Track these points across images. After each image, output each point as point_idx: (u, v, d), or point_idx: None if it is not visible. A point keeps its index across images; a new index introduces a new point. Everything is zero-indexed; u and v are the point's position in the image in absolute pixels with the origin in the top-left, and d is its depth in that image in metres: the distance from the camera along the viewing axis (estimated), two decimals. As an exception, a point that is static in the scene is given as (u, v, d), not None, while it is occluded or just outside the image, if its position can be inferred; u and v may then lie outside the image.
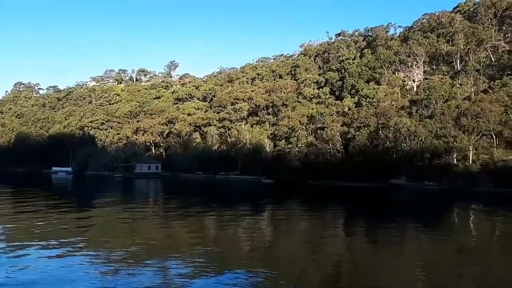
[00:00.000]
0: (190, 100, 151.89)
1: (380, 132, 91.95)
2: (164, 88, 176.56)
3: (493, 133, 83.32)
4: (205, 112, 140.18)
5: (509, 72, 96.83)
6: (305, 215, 42.15)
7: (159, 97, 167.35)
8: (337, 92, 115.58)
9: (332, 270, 20.57)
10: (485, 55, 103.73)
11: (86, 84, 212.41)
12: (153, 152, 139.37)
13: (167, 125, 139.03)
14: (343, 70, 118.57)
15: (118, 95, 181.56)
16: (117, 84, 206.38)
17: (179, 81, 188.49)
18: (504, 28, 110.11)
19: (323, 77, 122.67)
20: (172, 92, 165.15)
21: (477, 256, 24.30)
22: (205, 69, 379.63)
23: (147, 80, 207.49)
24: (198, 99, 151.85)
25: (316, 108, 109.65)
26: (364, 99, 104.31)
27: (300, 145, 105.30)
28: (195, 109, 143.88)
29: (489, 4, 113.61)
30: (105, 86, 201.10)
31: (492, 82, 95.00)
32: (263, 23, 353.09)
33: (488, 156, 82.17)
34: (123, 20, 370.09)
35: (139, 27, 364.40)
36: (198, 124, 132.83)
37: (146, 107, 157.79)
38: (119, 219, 37.03)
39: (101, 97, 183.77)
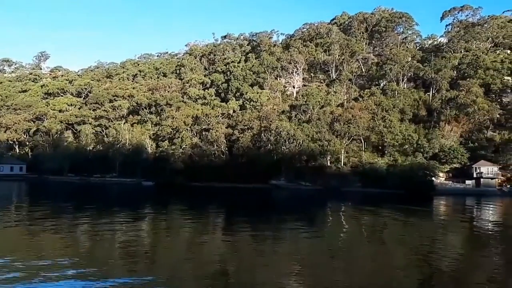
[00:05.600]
0: (62, 95, 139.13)
1: (262, 134, 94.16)
2: (32, 81, 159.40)
3: (362, 138, 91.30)
4: (79, 108, 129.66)
5: (377, 83, 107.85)
6: (187, 219, 40.11)
7: (25, 91, 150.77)
8: (223, 94, 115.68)
9: (213, 272, 20.27)
10: (357, 66, 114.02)
11: None
12: (17, 151, 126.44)
13: (34, 122, 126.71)
14: (228, 73, 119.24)
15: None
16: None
17: (50, 74, 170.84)
18: (373, 42, 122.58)
19: (209, 78, 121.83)
20: (42, 86, 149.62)
21: (347, 249, 26.46)
22: (80, 63, 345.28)
23: (12, 72, 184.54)
24: (72, 94, 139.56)
25: (202, 109, 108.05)
26: (248, 102, 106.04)
27: (184, 146, 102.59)
28: (68, 105, 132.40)
29: (361, 19, 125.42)
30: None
31: (362, 91, 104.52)
32: (147, 18, 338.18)
33: (357, 159, 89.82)
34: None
35: (4, 12, 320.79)
36: (70, 122, 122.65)
37: (10, 102, 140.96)
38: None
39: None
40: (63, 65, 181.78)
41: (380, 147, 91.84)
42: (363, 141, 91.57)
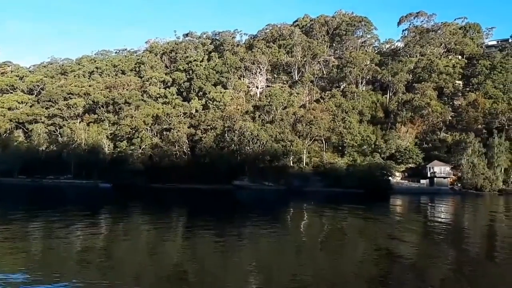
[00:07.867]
0: (11, 92, 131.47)
1: (226, 135, 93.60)
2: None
3: (323, 139, 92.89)
4: (30, 107, 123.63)
5: (337, 85, 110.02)
6: (147, 222, 38.90)
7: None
8: (185, 93, 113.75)
9: (174, 275, 20.03)
10: (318, 68, 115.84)
11: None
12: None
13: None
14: (191, 71, 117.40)
15: None
16: None
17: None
18: (334, 44, 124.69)
19: (170, 76, 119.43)
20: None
21: (308, 250, 26.67)
22: (32, 58, 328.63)
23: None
24: (23, 91, 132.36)
25: (162, 108, 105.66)
26: (211, 102, 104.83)
27: (144, 146, 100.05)
28: (18, 102, 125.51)
29: (322, 22, 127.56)
30: None
31: (323, 92, 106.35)
32: (104, 12, 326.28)
33: (319, 159, 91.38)
34: None
35: None
36: (21, 121, 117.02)
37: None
38: None
39: None
40: (12, 60, 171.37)
41: (340, 148, 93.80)
42: (324, 142, 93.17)
